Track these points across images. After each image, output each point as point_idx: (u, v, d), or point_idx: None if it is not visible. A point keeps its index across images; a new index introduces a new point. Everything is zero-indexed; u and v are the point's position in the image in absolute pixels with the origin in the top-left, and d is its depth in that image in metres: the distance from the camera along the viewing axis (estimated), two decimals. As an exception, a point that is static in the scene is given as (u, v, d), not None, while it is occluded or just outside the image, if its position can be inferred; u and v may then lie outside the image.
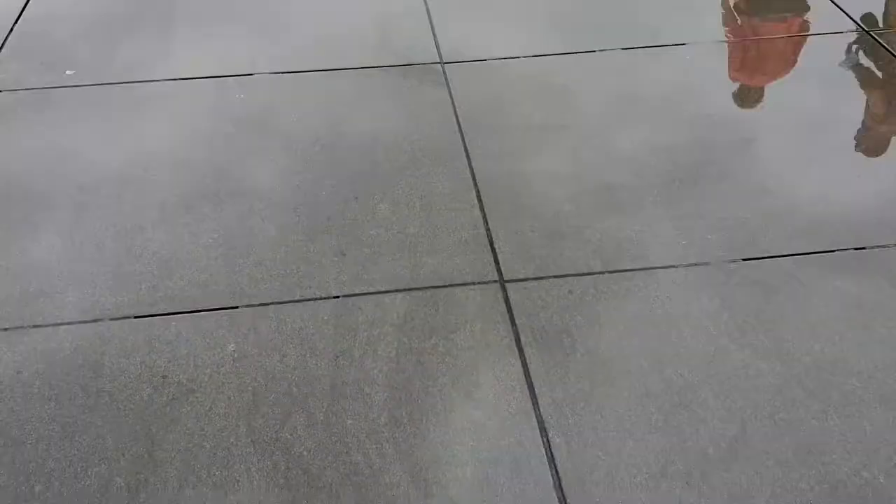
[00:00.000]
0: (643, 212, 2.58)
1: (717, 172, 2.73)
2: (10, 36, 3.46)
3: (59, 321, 2.25)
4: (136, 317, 2.26)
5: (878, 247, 2.44)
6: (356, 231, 2.52)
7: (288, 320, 2.24)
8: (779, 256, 2.41)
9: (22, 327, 2.23)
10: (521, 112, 3.02)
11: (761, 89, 3.21)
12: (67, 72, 3.23)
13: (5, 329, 2.22)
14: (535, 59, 3.32)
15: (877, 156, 2.92)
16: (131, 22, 3.55)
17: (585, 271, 2.38)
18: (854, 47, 3.41)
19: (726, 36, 3.49)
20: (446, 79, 3.20)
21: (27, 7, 3.66)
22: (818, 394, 2.04)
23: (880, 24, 3.56)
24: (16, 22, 3.55)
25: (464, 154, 2.82)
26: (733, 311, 2.25)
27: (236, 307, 2.28)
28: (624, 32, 3.48)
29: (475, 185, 2.69)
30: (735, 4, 3.78)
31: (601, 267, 2.39)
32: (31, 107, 3.05)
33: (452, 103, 3.07)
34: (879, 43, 3.39)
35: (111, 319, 2.25)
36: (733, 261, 2.41)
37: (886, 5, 3.71)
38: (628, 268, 2.39)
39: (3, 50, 3.37)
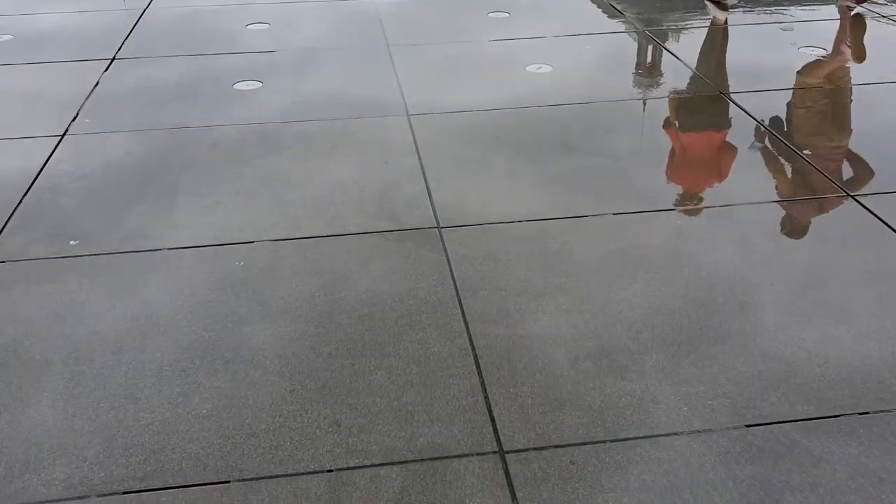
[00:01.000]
0: (644, 377, 2.56)
1: (715, 335, 2.73)
2: (20, 207, 3.56)
3: (44, 499, 2.17)
4: (124, 492, 2.20)
5: (883, 411, 2.40)
6: (351, 399, 2.48)
7: (280, 496, 2.17)
8: (782, 422, 2.37)
9: (5, 506, 2.15)
10: (517, 275, 3.05)
11: (697, 193, 3.70)
12: (71, 242, 3.30)
13: (-12, 508, 2.15)
14: (529, 224, 3.39)
15: (800, 237, 3.33)
16: (137, 193, 3.66)
17: (587, 440, 2.32)
18: (757, 138, 4.13)
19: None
20: (443, 243, 3.26)
21: (37, 180, 3.78)
22: (835, 571, 1.95)
23: (785, 127, 4.25)
24: (25, 194, 3.66)
25: (461, 318, 2.83)
26: (739, 481, 2.19)
27: (227, 482, 2.22)
28: (614, 197, 3.58)
29: (473, 350, 2.68)
30: (666, 120, 4.41)
31: (603, 435, 2.34)
32: (35, 277, 3.10)
33: (449, 267, 3.11)
34: (784, 143, 4.05)
35: (98, 496, 2.18)
36: (736, 427, 2.36)
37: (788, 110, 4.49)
38: (631, 436, 2.34)
39: (11, 221, 3.45)
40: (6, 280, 3.08)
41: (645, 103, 4.65)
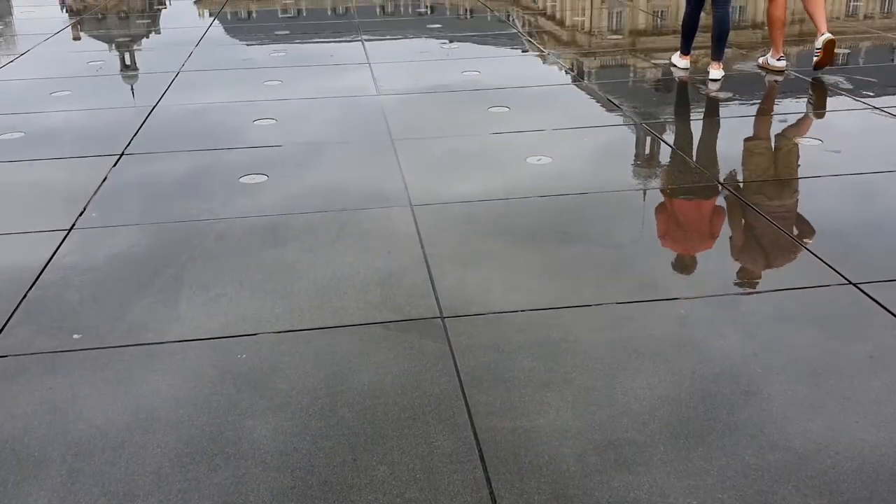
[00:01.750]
0: (651, 470, 2.51)
1: (723, 426, 2.69)
2: (24, 301, 3.57)
3: None
4: None
5: (898, 505, 2.35)
6: (353, 496, 2.43)
7: None
8: (795, 517, 2.32)
9: None
10: (522, 366, 3.04)
11: (693, 257, 4.01)
12: (75, 336, 3.30)
13: None
14: (532, 313, 3.39)
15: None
16: (141, 286, 3.68)
17: (594, 537, 2.27)
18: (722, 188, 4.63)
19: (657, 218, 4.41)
20: (447, 334, 3.25)
21: (42, 274, 3.81)
22: None
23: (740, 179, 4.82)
24: (30, 288, 3.68)
25: (465, 411, 2.80)
26: (754, 580, 2.12)
27: (226, 584, 2.16)
28: (617, 286, 3.59)
29: (477, 443, 2.65)
30: (662, 192, 4.74)
31: (611, 531, 2.28)
32: (36, 371, 3.08)
33: (453, 358, 3.09)
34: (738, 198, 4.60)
35: None
36: (748, 522, 2.31)
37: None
38: (639, 532, 2.28)
39: (16, 315, 3.46)
40: (8, 374, 3.07)
41: (644, 193, 4.72)
